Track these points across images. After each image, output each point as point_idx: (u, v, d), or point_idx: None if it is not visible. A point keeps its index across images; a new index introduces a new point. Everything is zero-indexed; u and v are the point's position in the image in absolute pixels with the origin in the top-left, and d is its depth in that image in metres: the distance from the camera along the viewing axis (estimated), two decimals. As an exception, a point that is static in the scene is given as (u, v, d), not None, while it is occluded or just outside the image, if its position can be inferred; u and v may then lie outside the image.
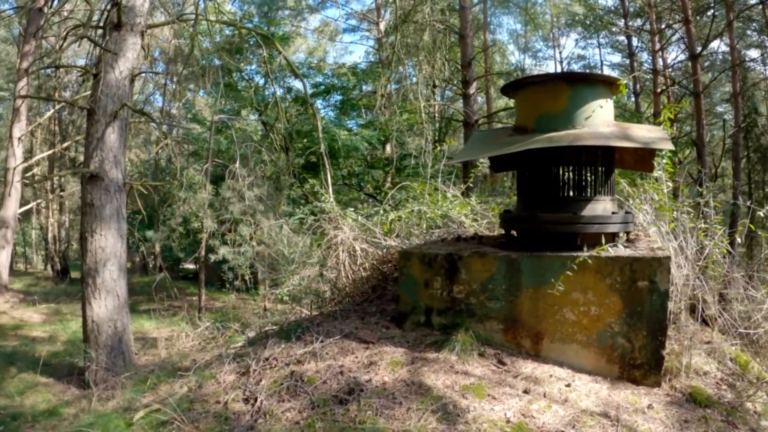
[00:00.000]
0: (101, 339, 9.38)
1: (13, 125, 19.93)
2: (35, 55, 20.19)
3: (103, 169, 9.43)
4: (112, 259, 9.48)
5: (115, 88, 9.69)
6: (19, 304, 18.25)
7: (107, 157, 9.49)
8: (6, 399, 9.60)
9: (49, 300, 18.68)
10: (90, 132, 9.71)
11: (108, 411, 7.80)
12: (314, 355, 6.22)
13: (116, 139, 9.64)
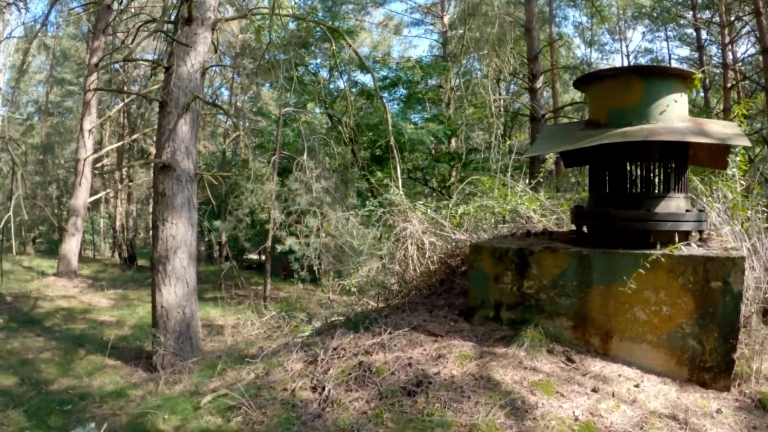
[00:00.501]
0: (170, 324, 9.64)
1: (84, 118, 20.51)
2: (105, 50, 20.67)
3: (175, 159, 9.68)
4: (183, 246, 9.73)
5: (187, 81, 9.93)
6: (88, 289, 18.76)
7: (179, 148, 9.74)
8: (74, 379, 9.96)
9: (116, 286, 19.19)
10: (162, 124, 9.97)
11: (175, 394, 8.02)
12: (382, 346, 6.27)
13: (188, 130, 9.87)
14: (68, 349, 11.75)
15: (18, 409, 8.66)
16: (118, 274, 23.64)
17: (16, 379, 10.09)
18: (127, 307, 15.79)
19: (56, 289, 18.20)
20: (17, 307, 15.43)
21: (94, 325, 13.73)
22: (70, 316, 14.80)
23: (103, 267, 26.24)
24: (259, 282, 20.46)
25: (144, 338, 12.14)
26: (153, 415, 7.14)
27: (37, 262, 25.95)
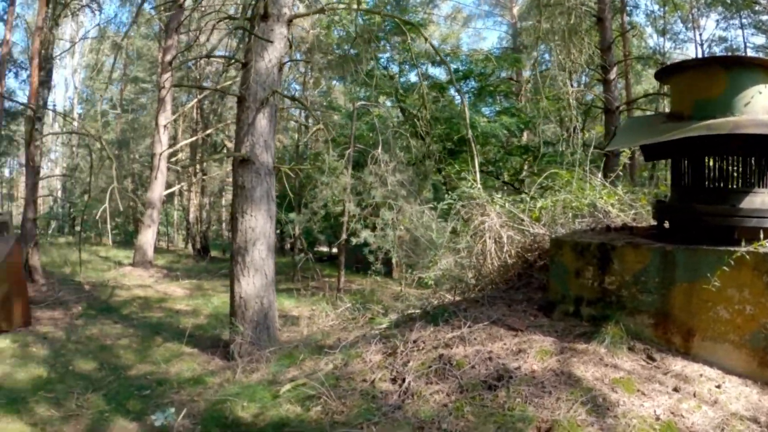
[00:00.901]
0: (248, 314, 9.85)
1: (159, 114, 21.18)
2: (177, 48, 21.19)
3: (254, 153, 9.88)
4: (262, 238, 9.93)
5: (265, 76, 10.11)
6: (163, 279, 19.28)
7: (258, 141, 9.93)
8: (152, 366, 10.24)
9: (191, 276, 19.68)
10: (241, 118, 10.18)
11: (253, 382, 8.21)
12: (462, 339, 6.32)
13: (266, 124, 10.06)
14: (145, 336, 12.12)
15: (97, 392, 8.97)
16: (192, 264, 24.23)
17: (95, 364, 10.44)
18: (202, 296, 16.16)
19: (132, 279, 18.73)
20: (95, 296, 15.95)
21: (170, 314, 14.11)
22: (147, 304, 15.24)
23: (177, 258, 26.90)
24: (330, 274, 20.73)
25: (219, 327, 12.43)
26: (231, 402, 7.34)
27: (113, 253, 26.71)
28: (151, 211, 21.26)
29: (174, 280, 19.07)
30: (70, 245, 28.92)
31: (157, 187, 21.31)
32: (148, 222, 21.23)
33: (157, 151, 21.21)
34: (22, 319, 12.51)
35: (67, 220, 43.03)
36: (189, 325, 12.63)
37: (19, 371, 10.00)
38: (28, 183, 17.44)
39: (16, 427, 7.80)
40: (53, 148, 47.98)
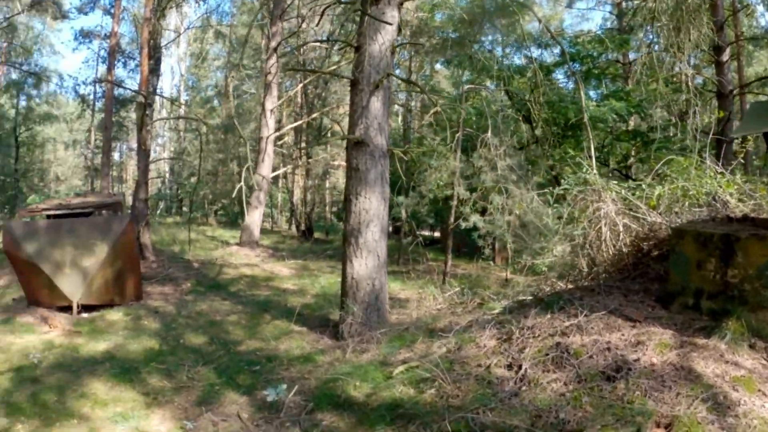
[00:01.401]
0: (359, 295, 9.84)
1: (266, 99, 21.55)
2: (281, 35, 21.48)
3: (368, 135, 9.84)
4: (375, 220, 9.89)
5: (378, 59, 10.06)
6: (269, 259, 19.55)
7: (372, 124, 9.88)
8: (261, 342, 10.32)
9: (296, 257, 19.91)
10: (354, 101, 10.16)
11: (363, 362, 8.19)
12: (579, 328, 6.14)
13: (380, 107, 10.01)
14: (254, 313, 12.27)
15: (208, 366, 9.07)
16: (297, 245, 24.57)
17: (205, 339, 10.62)
18: (308, 276, 16.29)
19: (239, 258, 19.08)
20: (204, 273, 16.32)
21: (277, 293, 14.26)
22: (254, 282, 15.49)
23: (282, 239, 27.33)
24: (434, 258, 20.65)
25: (328, 307, 12.47)
26: (343, 381, 7.32)
27: (219, 233, 27.39)
28: (258, 192, 21.67)
29: (280, 260, 19.31)
30: (177, 225, 29.83)
31: (263, 169, 21.66)
32: (255, 203, 21.65)
33: (263, 134, 21.62)
34: (134, 293, 12.90)
35: (174, 201, 44.33)
36: (296, 304, 12.73)
37: (132, 342, 10.27)
38: (140, 165, 18.03)
39: (130, 395, 7.96)
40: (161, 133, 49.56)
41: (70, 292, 11.85)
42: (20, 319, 11.51)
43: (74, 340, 10.49)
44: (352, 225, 9.96)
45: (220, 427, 6.86)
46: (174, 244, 22.28)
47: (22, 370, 8.91)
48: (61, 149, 55.97)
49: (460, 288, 11.39)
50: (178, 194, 43.58)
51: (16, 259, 11.95)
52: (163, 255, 18.61)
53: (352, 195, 9.96)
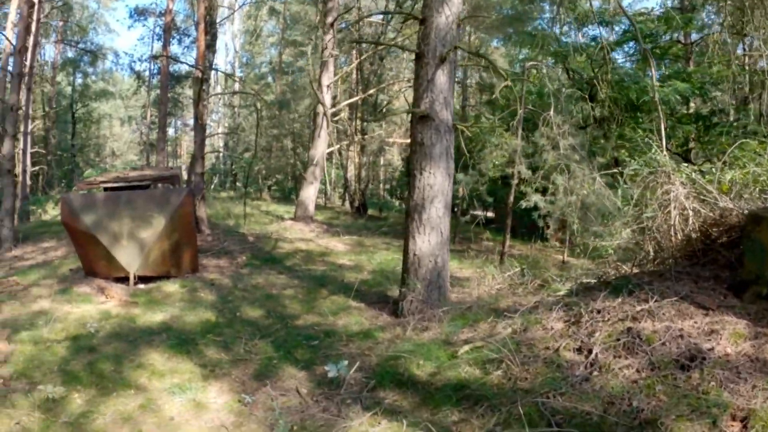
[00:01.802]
0: (421, 272, 9.57)
1: (322, 74, 21.36)
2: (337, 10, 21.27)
3: (433, 109, 9.52)
4: (439, 196, 9.59)
5: (444, 32, 9.71)
6: (324, 234, 19.39)
7: (437, 98, 9.56)
8: (319, 317, 10.17)
9: (350, 232, 19.68)
10: (419, 74, 9.84)
11: (425, 341, 7.95)
12: (650, 313, 5.93)
13: (446, 81, 9.68)
14: (310, 288, 12.10)
15: (265, 339, 8.95)
16: (351, 221, 24.38)
17: (262, 312, 10.48)
18: (364, 253, 16.06)
19: (294, 232, 18.97)
20: (259, 247, 16.22)
21: (333, 268, 14.06)
22: (309, 257, 15.32)
23: (336, 214, 27.19)
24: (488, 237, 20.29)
25: (385, 283, 12.22)
26: (406, 359, 7.09)
27: (273, 207, 27.42)
28: (313, 168, 21.47)
29: (334, 235, 19.13)
30: (231, 199, 29.91)
31: (320, 145, 21.50)
32: (311, 178, 21.48)
33: (320, 110, 21.44)
34: (190, 266, 12.86)
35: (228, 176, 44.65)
36: (353, 279, 12.53)
37: (189, 314, 10.20)
38: (196, 140, 18.00)
39: (187, 367, 7.87)
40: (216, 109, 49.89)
41: (127, 263, 11.86)
42: (77, 290, 11.56)
43: (131, 310, 10.47)
44: (415, 200, 9.67)
45: (279, 402, 6.71)
46: (229, 218, 22.29)
47: (79, 339, 8.90)
48: (117, 125, 57.30)
49: (520, 268, 11.10)
50: (232, 169, 43.87)
51: (75, 230, 11.99)
52: (219, 228, 18.59)
53: (417, 170, 9.67)
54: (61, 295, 11.18)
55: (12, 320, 9.91)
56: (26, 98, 26.33)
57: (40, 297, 11.19)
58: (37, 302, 10.86)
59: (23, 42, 17.90)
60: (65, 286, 11.87)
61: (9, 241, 17.08)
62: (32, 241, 18.16)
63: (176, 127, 55.81)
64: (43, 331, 9.24)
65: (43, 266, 14.16)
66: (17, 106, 17.96)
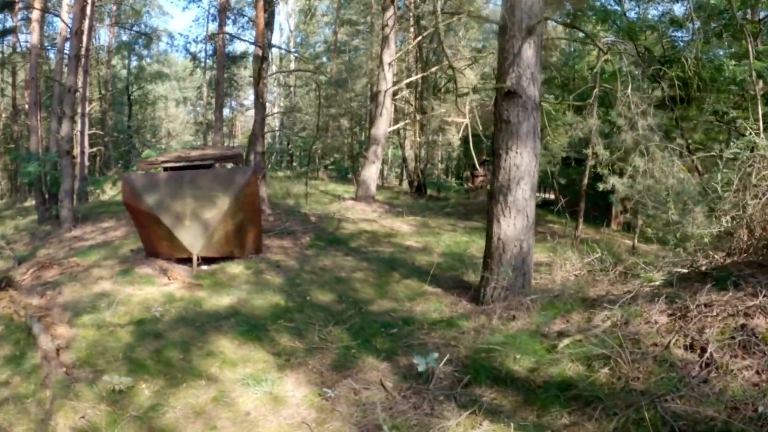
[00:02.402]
0: (505, 258, 8.89)
1: (383, 52, 20.99)
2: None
3: (520, 85, 8.76)
4: (526, 177, 8.88)
5: (530, 2, 8.99)
6: (386, 214, 18.86)
7: (524, 73, 8.81)
8: (394, 302, 9.57)
9: (414, 213, 19.03)
10: (504, 48, 9.07)
11: (514, 331, 7.28)
12: (763, 310, 5.48)
13: (532, 55, 8.91)
14: (381, 271, 11.51)
15: (340, 326, 8.40)
16: (411, 201, 23.78)
17: (333, 296, 9.95)
18: (430, 234, 15.39)
19: (356, 213, 18.48)
20: (321, 227, 15.70)
21: (401, 250, 13.46)
22: (375, 238, 14.75)
23: (395, 194, 26.68)
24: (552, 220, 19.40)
25: (460, 267, 11.56)
26: (499, 352, 6.50)
27: (332, 187, 27.04)
28: (375, 147, 20.92)
29: (397, 215, 18.53)
30: (289, 179, 29.58)
31: (381, 123, 20.95)
32: (372, 158, 20.94)
33: (382, 88, 20.89)
34: (254, 246, 12.41)
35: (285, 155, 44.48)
36: (424, 262, 11.94)
37: (256, 297, 9.72)
38: (257, 118, 17.54)
39: (259, 355, 7.38)
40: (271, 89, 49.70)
41: (190, 244, 11.43)
42: (139, 271, 11.21)
43: (195, 293, 10.05)
44: (500, 182, 8.99)
45: (363, 396, 6.19)
46: (288, 197, 21.88)
47: (143, 323, 8.50)
48: (172, 106, 58.01)
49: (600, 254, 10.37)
50: (289, 148, 43.69)
51: (136, 210, 11.64)
52: (279, 208, 18.14)
53: (502, 149, 8.99)
54: (123, 277, 10.83)
55: (73, 303, 9.62)
56: (83, 81, 26.38)
57: (101, 278, 10.86)
58: (99, 284, 10.53)
59: (79, 24, 17.71)
60: (126, 267, 11.53)
61: (68, 221, 16.95)
62: (91, 221, 17.96)
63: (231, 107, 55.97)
64: (105, 314, 8.89)
65: (104, 246, 13.85)
66: (75, 88, 17.88)
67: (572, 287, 8.98)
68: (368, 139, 22.07)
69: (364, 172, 21.14)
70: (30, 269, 11.99)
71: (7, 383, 6.94)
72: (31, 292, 10.56)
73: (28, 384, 6.83)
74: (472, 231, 15.80)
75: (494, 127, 9.38)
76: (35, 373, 7.08)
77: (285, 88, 48.12)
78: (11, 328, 8.77)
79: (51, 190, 18.65)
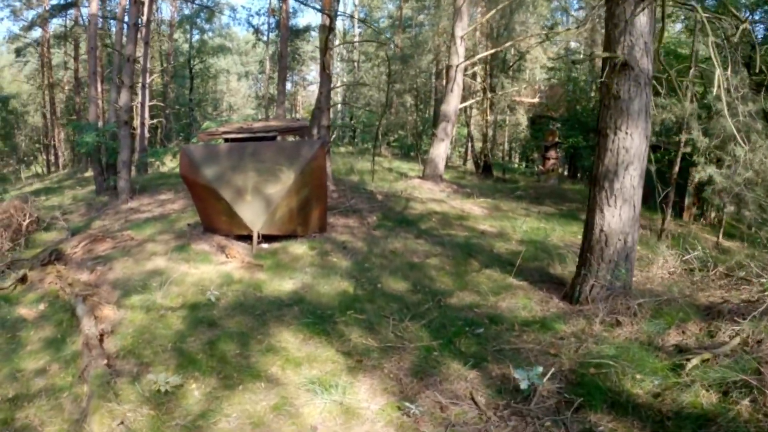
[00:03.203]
0: (607, 253, 7.66)
1: (456, 25, 19.80)
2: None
3: (632, 56, 7.49)
4: (635, 162, 7.59)
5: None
6: (455, 195, 17.78)
7: (637, 43, 7.50)
8: (476, 296, 8.48)
9: (483, 194, 17.84)
10: (614, 13, 7.72)
11: (622, 341, 6.05)
12: None
13: (646, 22, 7.56)
14: (457, 257, 10.37)
15: (417, 321, 7.39)
16: (479, 182, 22.54)
17: (406, 285, 8.95)
18: (504, 218, 14.17)
19: (423, 192, 17.43)
20: (388, 206, 14.67)
21: (475, 234, 12.30)
22: (446, 220, 13.63)
23: (461, 174, 25.56)
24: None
25: (544, 258, 10.36)
26: (613, 368, 5.43)
27: (396, 164, 26.09)
28: (445, 124, 19.78)
29: (466, 197, 17.40)
30: (352, 154, 28.71)
31: (452, 100, 19.80)
32: (442, 135, 19.80)
33: (453, 62, 19.70)
34: (318, 225, 11.60)
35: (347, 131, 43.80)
36: (503, 250, 10.87)
37: (322, 283, 8.84)
38: (322, 90, 16.56)
39: (327, 354, 6.45)
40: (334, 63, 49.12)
41: (251, 220, 10.58)
42: (195, 247, 10.56)
43: (255, 274, 9.24)
44: (606, 166, 7.78)
45: (451, 414, 5.21)
46: (352, 173, 20.91)
47: (197, 308, 7.71)
48: (234, 80, 57.67)
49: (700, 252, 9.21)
50: (352, 124, 42.99)
51: (194, 184, 10.89)
52: (343, 185, 17.21)
53: (609, 129, 7.78)
54: (178, 253, 10.17)
55: (124, 280, 9.01)
56: (144, 52, 26.54)
57: (155, 254, 10.25)
58: (152, 260, 9.92)
59: (138, -9, 17.20)
60: (182, 242, 10.87)
61: (126, 192, 16.57)
62: (149, 192, 17.49)
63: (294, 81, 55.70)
64: (157, 295, 8.20)
65: (160, 220, 13.28)
66: (134, 57, 17.39)
67: (676, 290, 7.86)
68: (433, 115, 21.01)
69: (433, 150, 20.06)
70: (82, 242, 11.47)
71: (44, 371, 6.32)
72: (81, 267, 10.02)
73: (66, 374, 6.18)
74: (548, 217, 14.63)
75: (600, 104, 8.12)
76: (74, 362, 6.42)
77: (349, 63, 47.36)
78: (56, 306, 8.16)
79: (109, 161, 18.40)
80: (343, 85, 39.82)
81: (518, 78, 29.66)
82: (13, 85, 43.82)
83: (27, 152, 44.58)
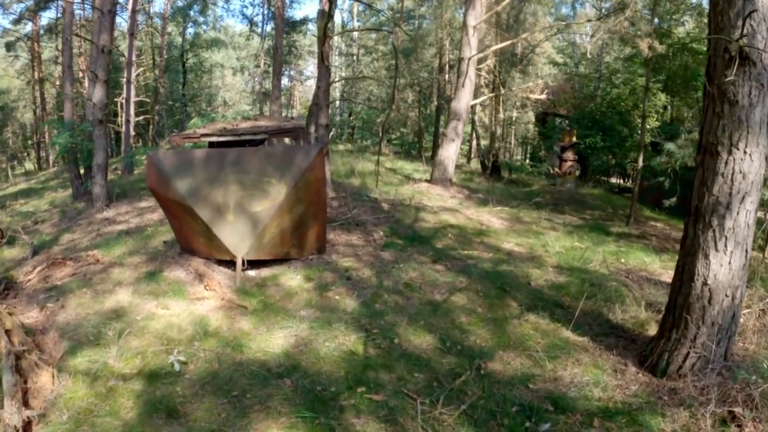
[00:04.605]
0: (710, 313, 5.56)
1: (468, 13, 18.13)
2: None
3: (753, 47, 5.30)
4: (753, 193, 5.49)
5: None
6: (467, 201, 16.00)
7: (758, 29, 5.28)
8: (528, 360, 6.45)
9: (498, 201, 15.83)
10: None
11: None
12: None
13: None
14: (488, 294, 8.33)
15: (454, 404, 5.42)
16: (489, 185, 20.59)
17: (432, 340, 6.97)
18: (530, 233, 12.19)
19: (433, 198, 15.62)
20: (396, 218, 12.69)
21: (501, 257, 10.28)
22: (464, 236, 11.61)
23: (468, 175, 23.72)
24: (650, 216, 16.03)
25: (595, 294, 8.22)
26: None
27: (399, 164, 24.48)
28: (455, 122, 17.91)
29: (480, 204, 15.54)
30: (351, 153, 27.07)
31: (464, 95, 17.95)
32: (452, 135, 17.95)
33: (465, 55, 17.87)
34: (316, 245, 9.75)
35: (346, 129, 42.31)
36: (541, 281, 8.86)
37: (322, 337, 6.94)
38: (320, 85, 14.68)
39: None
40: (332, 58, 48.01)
41: (234, 245, 8.70)
42: (168, 274, 8.82)
43: (237, 322, 7.42)
44: (716, 196, 5.54)
45: None
46: (353, 175, 19.04)
47: (157, 379, 5.89)
48: (229, 75, 56.51)
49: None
50: (351, 121, 41.41)
51: (165, 199, 9.04)
52: (343, 190, 15.39)
53: (721, 146, 5.50)
54: (147, 283, 8.44)
55: (75, 325, 7.24)
56: (129, 44, 25.46)
57: (119, 284, 8.51)
58: (115, 293, 8.19)
59: (112, -25, 15.57)
60: (154, 267, 9.12)
61: (101, 200, 15.00)
62: (129, 198, 15.84)
63: (290, 76, 54.62)
64: (110, 352, 6.40)
65: (134, 234, 11.66)
66: (108, 48, 15.58)
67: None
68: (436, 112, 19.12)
69: (442, 151, 18.21)
70: (38, 267, 9.76)
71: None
72: (32, 301, 8.33)
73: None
74: (577, 230, 12.68)
75: (705, 109, 5.86)
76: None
77: (348, 57, 46.11)
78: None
79: (85, 163, 17.14)
80: (342, 80, 38.25)
81: (528, 73, 28.10)
82: (4, 80, 42.58)
83: (17, 150, 43.98)
